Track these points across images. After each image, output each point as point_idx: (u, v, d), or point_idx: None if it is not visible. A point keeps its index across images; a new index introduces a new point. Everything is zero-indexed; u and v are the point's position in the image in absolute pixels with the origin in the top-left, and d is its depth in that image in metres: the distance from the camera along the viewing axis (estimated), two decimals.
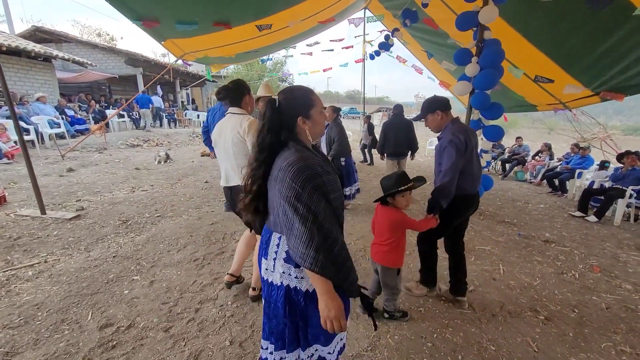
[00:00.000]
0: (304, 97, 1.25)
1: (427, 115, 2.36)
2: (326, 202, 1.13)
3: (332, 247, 1.10)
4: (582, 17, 2.96)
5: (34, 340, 2.02)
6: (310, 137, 1.26)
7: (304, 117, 1.23)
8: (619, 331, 2.35)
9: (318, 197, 1.10)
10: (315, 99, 1.27)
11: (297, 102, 1.24)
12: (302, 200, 1.08)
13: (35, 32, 12.99)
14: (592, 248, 3.91)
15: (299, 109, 1.23)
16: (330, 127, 4.50)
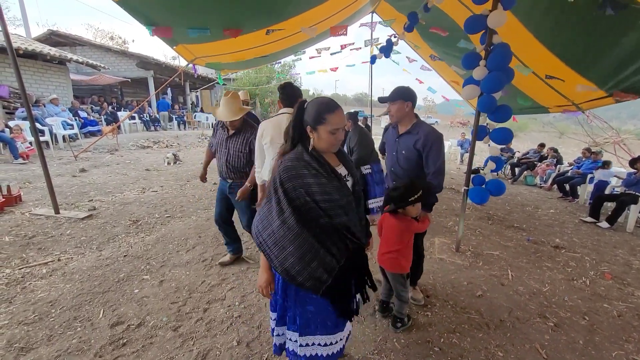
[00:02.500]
0: (319, 112, 1.33)
1: (397, 100, 2.26)
2: (304, 202, 1.30)
3: (286, 239, 1.29)
4: (595, 17, 2.93)
5: (48, 336, 2.07)
6: (313, 145, 1.37)
7: (312, 128, 1.35)
8: (631, 340, 2.30)
9: (293, 195, 1.29)
10: (330, 119, 1.31)
11: (312, 112, 1.34)
12: (277, 193, 1.31)
13: (50, 36, 13.33)
14: (604, 254, 3.85)
15: (311, 119, 1.34)
16: (349, 136, 4.20)
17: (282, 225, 1.29)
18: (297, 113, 1.37)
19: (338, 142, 1.38)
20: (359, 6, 5.50)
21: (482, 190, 3.14)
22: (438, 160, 2.24)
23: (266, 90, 21.30)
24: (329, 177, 1.33)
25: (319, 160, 1.35)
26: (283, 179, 1.29)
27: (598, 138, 8.99)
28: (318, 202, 1.31)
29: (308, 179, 1.29)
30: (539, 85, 4.40)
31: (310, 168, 1.31)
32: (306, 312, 1.43)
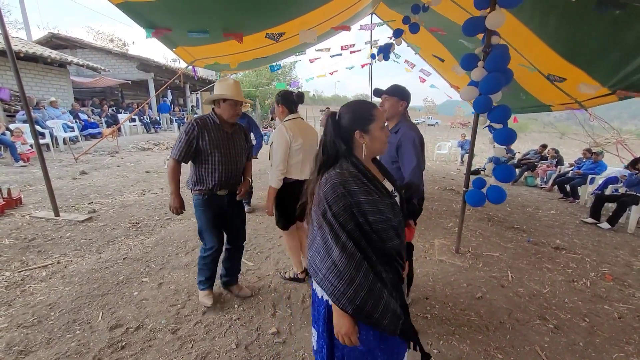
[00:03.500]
0: (364, 111, 1.22)
1: (393, 97, 2.22)
2: (357, 224, 1.10)
3: (352, 269, 1.05)
4: (597, 15, 2.92)
5: (47, 339, 2.07)
6: (366, 152, 1.22)
7: (362, 131, 1.20)
8: (631, 342, 2.29)
9: (346, 217, 1.09)
10: (377, 114, 1.22)
11: (357, 114, 1.21)
12: (327, 217, 1.09)
13: (51, 39, 13.38)
14: (605, 256, 3.84)
15: (358, 122, 1.21)
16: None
17: (343, 254, 1.06)
18: (333, 124, 1.21)
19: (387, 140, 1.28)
20: (359, 9, 5.52)
21: (479, 193, 3.12)
22: (411, 161, 2.07)
23: (266, 92, 21.34)
24: (380, 193, 1.15)
25: (366, 174, 1.16)
26: (331, 200, 1.10)
27: (599, 138, 8.97)
28: (371, 224, 1.12)
29: (359, 196, 1.11)
30: (542, 83, 4.39)
31: (360, 183, 1.12)
32: (356, 351, 1.19)
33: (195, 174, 2.28)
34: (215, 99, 2.25)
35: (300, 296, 2.66)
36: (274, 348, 2.08)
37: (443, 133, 23.28)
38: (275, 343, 2.12)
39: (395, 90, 2.24)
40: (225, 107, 2.24)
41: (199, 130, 2.17)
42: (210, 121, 2.24)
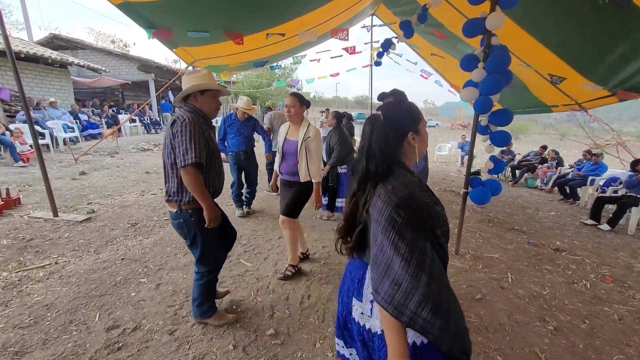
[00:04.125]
0: (411, 110, 1.10)
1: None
2: (433, 240, 0.94)
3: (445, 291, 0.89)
4: (595, 17, 2.92)
5: (43, 340, 2.06)
6: (418, 156, 1.10)
7: (414, 133, 1.07)
8: (632, 344, 2.28)
9: (424, 234, 0.91)
10: (420, 113, 1.13)
11: (405, 115, 1.08)
12: (405, 238, 0.88)
13: (52, 40, 13.42)
14: (605, 257, 3.82)
15: (409, 123, 1.07)
16: (330, 134, 4.38)
17: (432, 281, 0.86)
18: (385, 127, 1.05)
19: None
20: (359, 9, 5.52)
21: (483, 190, 3.12)
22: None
23: (267, 93, 21.35)
24: (439, 201, 1.01)
25: (423, 182, 1.06)
26: (409, 218, 0.91)
27: (599, 140, 8.97)
28: (438, 237, 0.96)
29: (431, 208, 0.96)
30: (542, 84, 4.39)
31: (428, 194, 0.98)
32: None
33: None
34: (192, 92, 1.96)
35: (299, 297, 2.64)
36: (271, 349, 2.07)
37: (443, 134, 23.28)
38: (273, 344, 2.11)
39: (396, 93, 2.29)
40: (206, 100, 2.01)
41: (205, 128, 1.95)
42: (201, 118, 1.97)
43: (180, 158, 1.81)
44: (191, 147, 1.80)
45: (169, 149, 1.89)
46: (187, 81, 1.98)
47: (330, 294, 2.70)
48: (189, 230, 2.01)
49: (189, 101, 2.00)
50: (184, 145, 1.80)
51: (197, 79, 1.99)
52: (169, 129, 1.89)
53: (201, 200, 1.89)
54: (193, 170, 1.82)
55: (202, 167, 1.88)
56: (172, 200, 1.96)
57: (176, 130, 1.83)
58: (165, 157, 1.94)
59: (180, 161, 1.81)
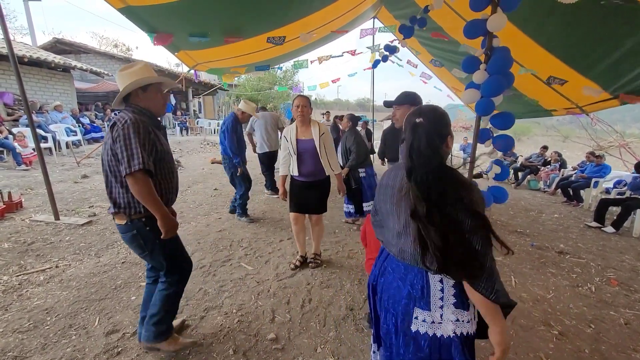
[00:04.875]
0: (446, 115, 1.15)
1: (403, 105, 2.23)
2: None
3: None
4: (596, 20, 2.91)
5: (42, 344, 2.05)
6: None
7: (450, 136, 1.13)
8: (639, 349, 2.24)
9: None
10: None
11: (445, 120, 1.13)
12: (487, 236, 1.00)
13: (55, 44, 13.54)
14: (610, 260, 3.77)
15: (447, 127, 1.13)
16: (346, 136, 4.39)
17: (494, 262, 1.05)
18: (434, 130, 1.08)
19: None
20: (360, 11, 5.53)
21: (486, 194, 3.08)
22: None
23: (268, 95, 21.42)
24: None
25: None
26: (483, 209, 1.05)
27: (602, 142, 8.92)
28: None
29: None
30: (542, 89, 4.38)
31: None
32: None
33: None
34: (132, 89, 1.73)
35: (300, 301, 2.62)
36: (272, 354, 2.05)
37: None
38: (273, 349, 2.09)
39: (403, 98, 2.26)
40: (151, 97, 1.79)
41: (151, 128, 1.70)
42: (146, 118, 1.74)
43: (124, 165, 1.56)
44: (136, 152, 1.56)
45: (110, 155, 1.64)
46: (122, 79, 1.73)
47: (332, 298, 2.68)
48: (146, 242, 1.77)
49: (131, 100, 1.76)
50: (127, 150, 1.56)
51: (134, 74, 1.73)
52: (108, 132, 1.66)
53: (155, 210, 1.65)
54: (142, 176, 1.58)
55: (152, 174, 1.65)
56: (119, 212, 1.72)
57: (117, 134, 1.58)
58: (106, 164, 1.69)
59: (124, 168, 1.56)
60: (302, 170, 2.92)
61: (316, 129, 2.88)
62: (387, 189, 1.24)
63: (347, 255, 3.52)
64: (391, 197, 1.20)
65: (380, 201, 1.31)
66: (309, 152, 2.88)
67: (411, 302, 1.12)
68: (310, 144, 2.87)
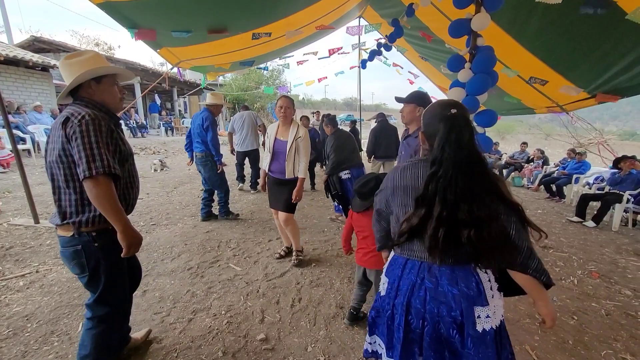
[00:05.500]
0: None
1: (411, 103, 2.29)
2: None
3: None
4: (576, 20, 2.99)
5: (22, 352, 1.97)
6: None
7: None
8: (619, 338, 2.31)
9: None
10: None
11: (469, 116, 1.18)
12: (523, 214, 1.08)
13: (33, 42, 13.05)
14: (591, 254, 3.89)
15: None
16: (327, 141, 4.22)
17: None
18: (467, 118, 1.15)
19: None
20: (345, 10, 5.53)
21: None
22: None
23: (255, 95, 21.23)
24: None
25: None
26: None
27: (582, 139, 9.19)
28: None
29: None
30: (525, 88, 4.48)
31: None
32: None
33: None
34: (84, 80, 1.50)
35: (290, 301, 2.60)
36: (262, 355, 2.02)
37: None
38: (263, 350, 2.06)
39: (412, 97, 2.33)
40: (106, 89, 1.58)
41: (112, 126, 1.50)
42: (104, 114, 1.51)
43: (83, 167, 1.33)
44: (98, 152, 1.36)
45: (58, 155, 1.41)
46: (69, 68, 1.49)
47: (321, 297, 2.67)
48: (89, 260, 1.51)
49: (81, 94, 1.53)
50: (87, 150, 1.35)
51: (84, 63, 1.49)
52: (58, 129, 1.40)
53: (116, 220, 1.41)
54: (104, 180, 1.37)
55: (116, 178, 1.45)
56: (67, 223, 1.47)
57: (72, 130, 1.36)
58: (53, 167, 1.45)
59: (83, 170, 1.33)
60: (272, 167, 3.02)
61: (294, 131, 2.91)
62: (410, 191, 1.19)
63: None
64: (412, 200, 1.17)
65: (398, 205, 1.25)
66: (282, 152, 2.94)
67: (470, 303, 1.09)
68: (285, 145, 2.93)
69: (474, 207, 1.04)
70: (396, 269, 1.24)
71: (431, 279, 1.13)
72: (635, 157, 5.32)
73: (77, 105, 1.48)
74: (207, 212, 4.43)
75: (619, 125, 67.83)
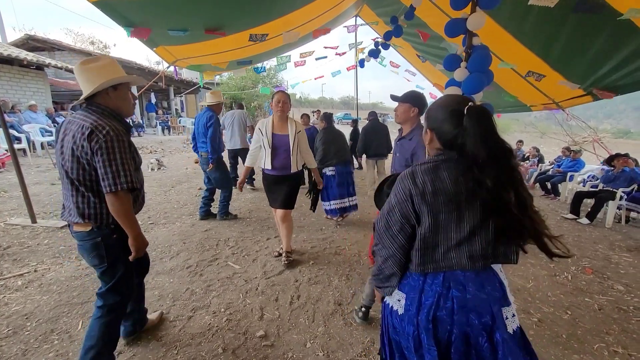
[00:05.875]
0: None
1: (405, 103, 2.26)
2: None
3: None
4: (573, 17, 3.02)
5: (23, 350, 1.98)
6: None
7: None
8: (611, 332, 2.36)
9: None
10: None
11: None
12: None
13: (27, 41, 12.95)
14: (585, 250, 3.95)
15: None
16: (318, 136, 4.43)
17: None
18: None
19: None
20: (342, 9, 5.54)
21: None
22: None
23: (252, 94, 21.18)
24: None
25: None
26: None
27: (577, 137, 9.28)
28: None
29: None
30: (522, 84, 4.52)
31: None
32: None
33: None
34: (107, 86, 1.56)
35: (288, 298, 2.63)
36: (262, 351, 2.05)
37: None
38: (263, 346, 2.09)
39: (407, 97, 2.28)
40: (122, 96, 1.65)
41: (128, 139, 1.59)
42: (119, 124, 1.59)
43: (108, 181, 1.45)
44: (122, 169, 1.48)
45: (78, 163, 1.49)
46: (88, 74, 1.54)
47: (320, 294, 2.70)
48: (109, 251, 1.62)
49: (97, 100, 1.58)
50: (113, 167, 1.45)
51: (102, 71, 1.55)
52: (82, 139, 1.45)
53: (130, 229, 1.56)
54: (125, 196, 1.50)
55: (136, 191, 1.61)
56: (87, 222, 1.57)
57: (98, 145, 1.44)
58: (74, 173, 1.51)
59: (108, 185, 1.45)
60: (275, 164, 2.98)
61: (293, 126, 2.99)
62: (440, 197, 1.05)
63: (334, 251, 3.55)
64: (446, 205, 1.05)
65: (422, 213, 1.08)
66: (283, 147, 2.96)
67: (498, 305, 1.05)
68: (286, 139, 2.96)
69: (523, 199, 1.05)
70: (414, 280, 1.12)
71: (457, 287, 1.05)
72: (628, 155, 5.39)
73: (93, 112, 1.54)
74: (205, 210, 4.43)
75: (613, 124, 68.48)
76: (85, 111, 1.55)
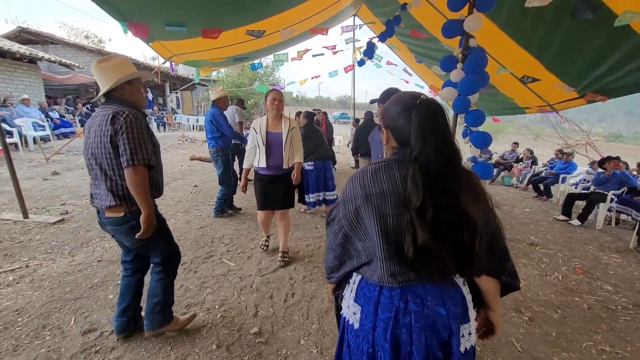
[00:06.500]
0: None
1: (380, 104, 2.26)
2: None
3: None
4: (566, 20, 3.06)
5: (14, 346, 1.97)
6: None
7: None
8: (599, 331, 2.41)
9: None
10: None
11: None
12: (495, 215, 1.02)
13: (20, 33, 12.76)
14: (575, 251, 4.01)
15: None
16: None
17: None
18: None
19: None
20: (340, 8, 5.55)
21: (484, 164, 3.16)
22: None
23: (249, 92, 21.10)
24: None
25: None
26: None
27: (570, 140, 9.39)
28: None
29: None
30: (517, 86, 4.57)
31: None
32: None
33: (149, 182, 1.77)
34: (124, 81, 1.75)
35: (283, 295, 2.64)
36: (256, 348, 2.06)
37: None
38: (257, 343, 2.10)
39: (383, 97, 2.24)
40: (135, 90, 1.83)
41: (147, 123, 1.78)
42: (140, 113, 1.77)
43: (127, 157, 1.60)
44: (141, 146, 1.64)
45: (107, 148, 1.64)
46: (104, 72, 1.73)
47: (314, 292, 2.71)
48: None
49: (115, 94, 1.76)
50: (132, 143, 1.61)
51: (118, 67, 1.75)
52: (106, 124, 1.62)
53: (144, 205, 1.69)
54: (143, 170, 1.65)
55: (152, 167, 1.73)
56: (120, 205, 1.72)
57: (119, 126, 1.61)
58: (102, 159, 1.67)
59: (127, 159, 1.60)
60: (270, 162, 2.98)
61: (287, 124, 3.01)
62: (390, 198, 0.95)
63: None
64: (394, 208, 0.94)
65: (367, 217, 1.00)
66: (277, 145, 2.98)
67: (457, 322, 0.96)
68: (279, 137, 2.98)
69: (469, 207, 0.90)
70: (370, 292, 1.02)
71: (416, 300, 0.95)
72: (619, 158, 5.48)
73: (114, 103, 1.73)
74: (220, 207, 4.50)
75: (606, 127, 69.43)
76: (105, 104, 1.74)
